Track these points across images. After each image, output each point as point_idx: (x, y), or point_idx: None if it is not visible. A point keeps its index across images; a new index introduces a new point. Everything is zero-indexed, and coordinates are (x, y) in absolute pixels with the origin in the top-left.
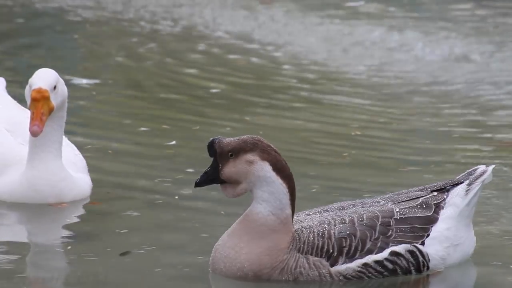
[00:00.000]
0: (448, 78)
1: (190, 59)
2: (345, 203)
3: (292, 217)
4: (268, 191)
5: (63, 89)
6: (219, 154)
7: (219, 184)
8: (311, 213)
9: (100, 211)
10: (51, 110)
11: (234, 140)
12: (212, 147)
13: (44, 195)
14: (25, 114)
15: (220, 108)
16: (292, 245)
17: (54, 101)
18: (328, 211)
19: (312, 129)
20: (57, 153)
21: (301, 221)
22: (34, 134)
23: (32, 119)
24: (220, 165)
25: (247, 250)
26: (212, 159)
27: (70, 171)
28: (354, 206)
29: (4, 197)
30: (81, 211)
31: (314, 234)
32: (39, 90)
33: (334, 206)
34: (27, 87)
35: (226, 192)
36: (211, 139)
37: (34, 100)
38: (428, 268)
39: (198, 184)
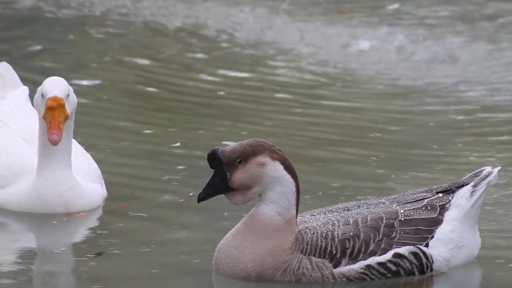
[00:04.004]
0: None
1: (197, 61)
2: (350, 204)
3: (296, 218)
4: (278, 191)
5: (73, 97)
6: (226, 163)
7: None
8: (315, 214)
9: (103, 212)
10: (66, 118)
11: (238, 146)
12: (215, 158)
13: (51, 204)
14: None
15: (228, 110)
16: (295, 246)
17: (68, 108)
18: (333, 212)
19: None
20: (65, 162)
21: (305, 221)
22: (54, 142)
23: (49, 128)
24: (228, 174)
25: (251, 250)
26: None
27: (81, 180)
28: (359, 207)
29: (13, 206)
30: (90, 215)
31: (317, 235)
32: (55, 99)
33: (339, 206)
34: (38, 96)
35: (236, 200)
36: (211, 150)
37: (50, 108)
38: (431, 269)
39: (202, 199)
